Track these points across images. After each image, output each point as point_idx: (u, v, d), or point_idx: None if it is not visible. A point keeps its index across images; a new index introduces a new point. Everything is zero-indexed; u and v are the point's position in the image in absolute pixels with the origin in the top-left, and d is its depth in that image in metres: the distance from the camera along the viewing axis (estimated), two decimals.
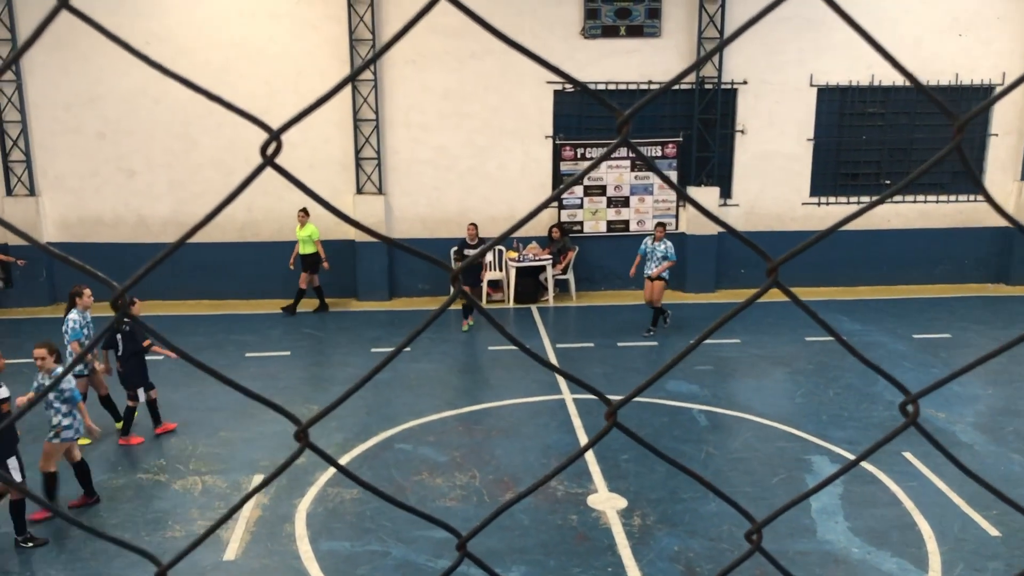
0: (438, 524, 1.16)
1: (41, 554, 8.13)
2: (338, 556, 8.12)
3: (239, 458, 10.00)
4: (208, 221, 0.93)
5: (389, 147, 16.42)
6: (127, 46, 0.90)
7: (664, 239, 14.40)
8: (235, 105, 0.95)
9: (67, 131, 15.72)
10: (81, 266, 0.97)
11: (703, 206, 1.10)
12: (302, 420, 1.08)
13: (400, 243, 1.04)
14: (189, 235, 0.93)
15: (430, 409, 11.42)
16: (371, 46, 15.76)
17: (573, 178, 1.07)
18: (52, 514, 8.43)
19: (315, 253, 15.60)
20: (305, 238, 15.47)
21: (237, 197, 1.00)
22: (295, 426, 1.02)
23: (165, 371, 12.70)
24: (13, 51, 15.41)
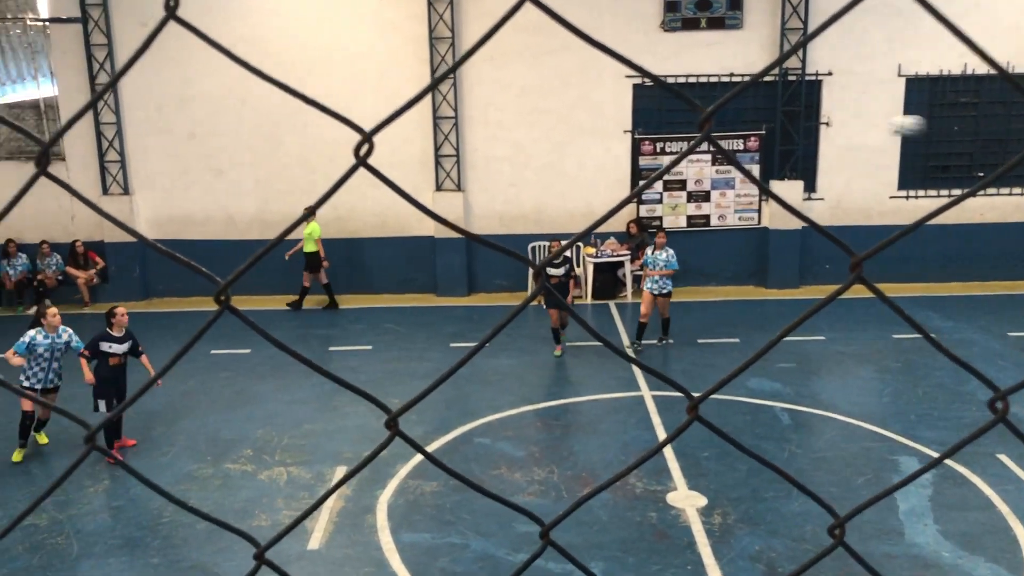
0: (522, 512, 1.18)
1: (136, 539, 8.45)
2: (418, 548, 8.24)
3: (323, 450, 10.22)
4: (304, 219, 0.97)
5: (468, 144, 16.54)
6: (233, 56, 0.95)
7: (666, 247, 13.39)
8: (329, 108, 0.99)
9: (159, 132, 16.26)
10: (186, 261, 1.02)
11: (786, 201, 1.09)
12: (383, 414, 1.11)
13: (488, 241, 1.06)
14: (287, 232, 0.97)
15: (508, 404, 11.48)
16: (450, 44, 15.90)
17: (655, 175, 1.08)
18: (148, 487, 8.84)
19: (316, 252, 15.76)
20: (306, 236, 15.62)
21: (331, 196, 1.03)
22: (384, 415, 1.05)
23: (253, 363, 13.07)
24: (110, 56, 16.03)
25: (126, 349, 10.06)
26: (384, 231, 16.72)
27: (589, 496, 1.15)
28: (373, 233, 16.63)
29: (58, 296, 16.47)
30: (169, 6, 0.90)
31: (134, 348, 10.13)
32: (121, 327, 10.00)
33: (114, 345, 9.94)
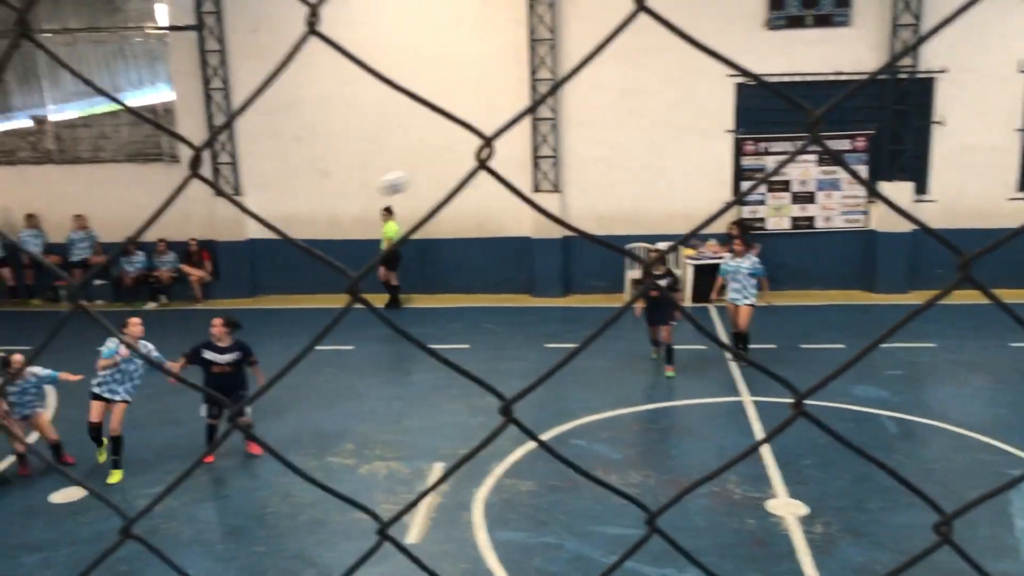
0: (629, 499, 1.19)
1: (242, 528, 8.76)
2: (513, 546, 8.29)
3: (421, 446, 10.39)
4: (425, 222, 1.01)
5: (566, 145, 16.56)
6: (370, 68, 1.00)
7: (748, 254, 12.63)
8: (452, 114, 1.03)
9: (268, 135, 16.81)
10: (323, 257, 1.07)
11: (894, 202, 1.07)
12: (480, 413, 1.14)
13: (599, 239, 1.08)
14: (411, 232, 1.00)
15: (605, 406, 11.43)
16: (550, 46, 15.94)
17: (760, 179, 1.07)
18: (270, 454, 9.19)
19: (394, 251, 16.00)
20: (384, 236, 16.06)
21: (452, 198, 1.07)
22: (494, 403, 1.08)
23: (355, 360, 13.38)
24: (223, 62, 16.67)
25: (230, 359, 9.90)
26: (481, 232, 16.89)
27: (695, 485, 1.15)
28: (470, 234, 16.81)
29: (172, 292, 17.23)
30: (310, 22, 0.96)
31: (244, 358, 9.98)
32: (221, 338, 9.86)
33: (216, 355, 9.88)
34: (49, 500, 9.43)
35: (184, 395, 11.96)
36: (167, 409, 11.72)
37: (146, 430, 10.98)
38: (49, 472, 10.02)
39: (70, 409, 11.41)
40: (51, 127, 17.69)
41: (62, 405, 11.90)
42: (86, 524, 8.95)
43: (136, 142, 17.61)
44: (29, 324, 16.21)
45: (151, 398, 11.58)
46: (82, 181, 17.61)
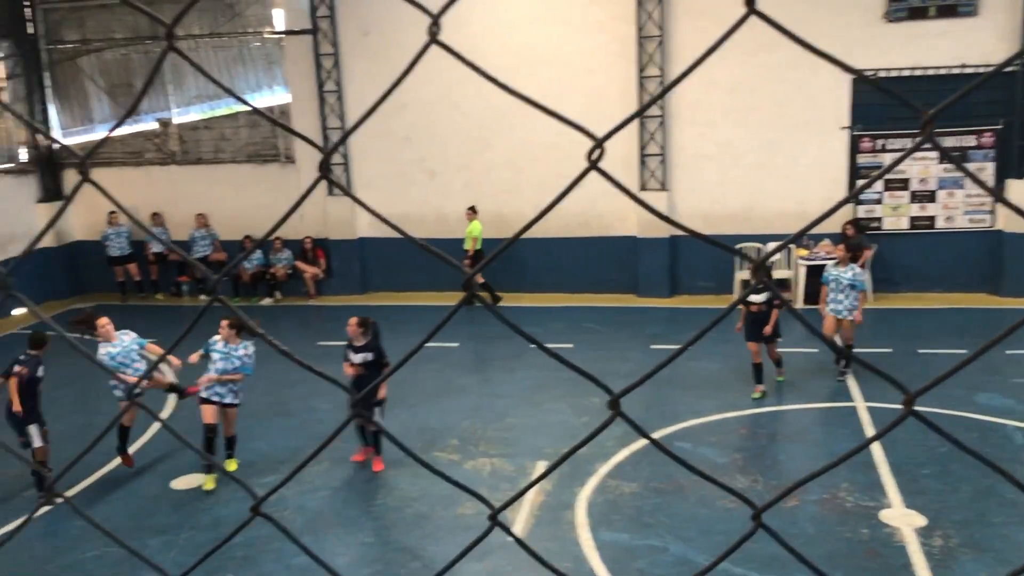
0: (734, 493, 1.17)
1: (351, 519, 8.99)
2: (617, 547, 8.24)
3: (525, 444, 10.44)
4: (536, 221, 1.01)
5: (674, 143, 16.34)
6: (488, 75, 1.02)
7: (851, 264, 11.72)
8: (562, 115, 1.03)
9: (378, 136, 17.16)
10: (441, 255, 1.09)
11: (1015, 204, 1.02)
12: (584, 413, 1.13)
13: (710, 238, 1.06)
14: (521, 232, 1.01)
15: (711, 409, 11.24)
16: (659, 43, 15.76)
17: (873, 177, 1.03)
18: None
19: (478, 251, 16.26)
20: (467, 236, 16.23)
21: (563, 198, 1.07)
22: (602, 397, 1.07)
23: (459, 356, 13.55)
24: (336, 65, 17.11)
25: (363, 359, 9.52)
26: (586, 231, 16.83)
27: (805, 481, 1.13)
28: (574, 233, 16.77)
29: (287, 288, 17.80)
30: (432, 32, 0.99)
31: (377, 360, 9.55)
32: (356, 338, 9.59)
33: (351, 353, 9.63)
34: (171, 486, 9.89)
35: (297, 387, 12.36)
36: (280, 401, 12.13)
37: (260, 420, 11.39)
38: (169, 458, 10.51)
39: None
40: (175, 129, 18.52)
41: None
42: (205, 510, 9.35)
43: (254, 143, 18.26)
44: (153, 318, 17.01)
45: (268, 391, 12.00)
46: (203, 181, 18.39)
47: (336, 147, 1.10)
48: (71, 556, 8.53)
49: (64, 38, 18.49)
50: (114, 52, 18.44)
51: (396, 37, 16.57)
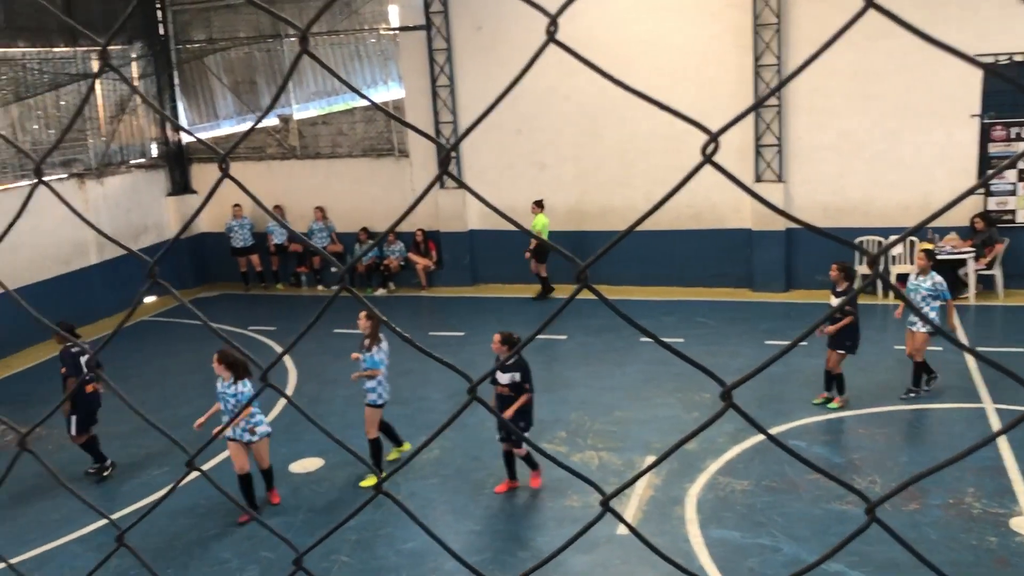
0: (848, 488, 1.14)
1: (460, 506, 9.12)
2: (727, 545, 8.11)
3: (633, 438, 10.37)
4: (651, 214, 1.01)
5: (791, 133, 15.89)
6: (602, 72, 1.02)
7: (932, 272, 10.74)
8: (676, 110, 1.02)
9: (489, 128, 17.29)
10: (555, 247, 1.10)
11: None
12: (695, 408, 1.12)
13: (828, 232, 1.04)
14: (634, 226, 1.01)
15: (826, 407, 10.91)
16: (776, 31, 15.34)
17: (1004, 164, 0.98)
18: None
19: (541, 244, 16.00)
20: (534, 229, 16.00)
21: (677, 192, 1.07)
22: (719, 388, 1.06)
23: (567, 349, 13.55)
24: (449, 60, 17.34)
25: (510, 379, 8.94)
26: (698, 223, 16.55)
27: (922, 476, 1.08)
28: (686, 225, 16.52)
29: (400, 280, 18.17)
30: (549, 31, 1.00)
31: (522, 381, 8.98)
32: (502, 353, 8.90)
33: (499, 373, 8.92)
34: (289, 469, 10.25)
35: (409, 377, 12.60)
36: (393, 389, 12.40)
37: None
38: (289, 442, 10.88)
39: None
40: (295, 125, 19.14)
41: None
42: (320, 493, 9.66)
43: (370, 138, 18.69)
44: (273, 307, 17.66)
45: (424, 375, 12.28)
46: (321, 175, 18.94)
47: (458, 143, 1.12)
48: (196, 534, 8.96)
49: (192, 38, 19.34)
50: (238, 50, 19.17)
51: (508, 32, 16.66)
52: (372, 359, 9.58)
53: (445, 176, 1.12)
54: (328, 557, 8.11)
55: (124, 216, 17.88)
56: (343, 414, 11.41)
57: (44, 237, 15.78)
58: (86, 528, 9.16)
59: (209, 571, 8.25)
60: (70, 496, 9.68)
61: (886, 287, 0.80)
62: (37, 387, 13.58)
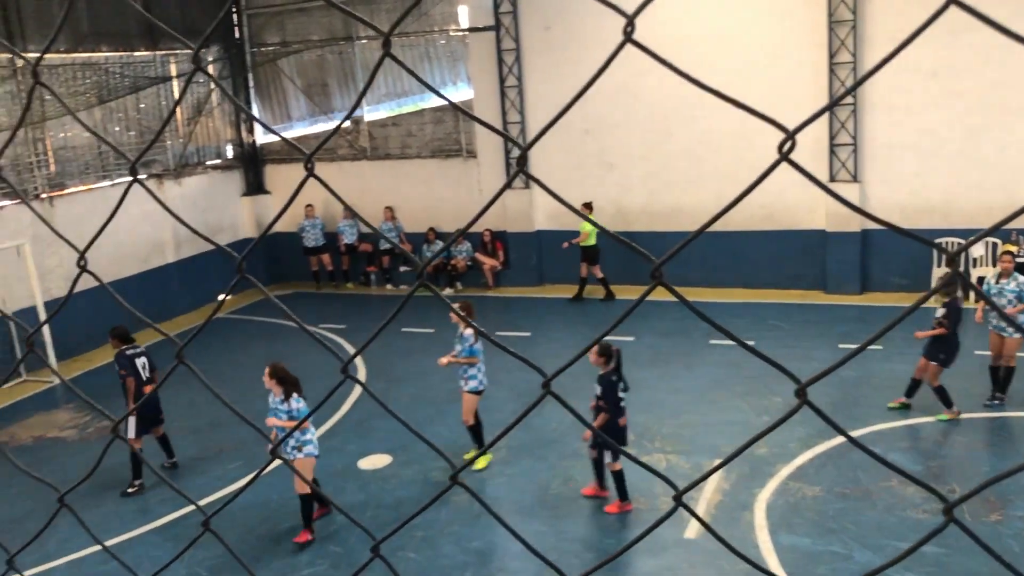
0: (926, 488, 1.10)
1: (526, 507, 9.12)
2: (797, 551, 7.95)
3: (701, 442, 10.24)
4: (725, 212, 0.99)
5: (867, 131, 15.50)
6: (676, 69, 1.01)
7: (1015, 274, 10.36)
8: (752, 108, 1.00)
9: (558, 129, 17.24)
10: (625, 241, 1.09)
11: None
12: (765, 412, 1.09)
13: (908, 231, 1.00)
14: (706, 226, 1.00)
15: (903, 413, 10.61)
16: (851, 27, 14.99)
17: None
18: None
19: (595, 245, 16.29)
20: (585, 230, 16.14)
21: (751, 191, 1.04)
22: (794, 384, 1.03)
23: (635, 351, 13.44)
24: (518, 60, 17.37)
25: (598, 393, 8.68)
26: (770, 224, 16.27)
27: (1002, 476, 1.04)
28: (758, 226, 16.25)
29: (467, 279, 18.27)
30: (626, 32, 0.99)
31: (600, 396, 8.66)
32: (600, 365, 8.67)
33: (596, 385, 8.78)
34: (358, 466, 10.39)
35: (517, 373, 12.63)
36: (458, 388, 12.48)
37: (439, 407, 11.75)
38: (357, 439, 11.03)
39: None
40: (365, 126, 19.40)
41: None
42: (388, 490, 9.76)
43: (438, 139, 18.84)
44: (344, 306, 17.92)
45: (447, 378, 12.35)
46: (390, 175, 19.16)
47: (533, 143, 1.12)
48: (267, 528, 9.14)
49: (266, 41, 19.75)
50: (310, 53, 19.51)
51: (577, 31, 16.62)
52: (472, 348, 9.78)
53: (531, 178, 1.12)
54: (395, 553, 8.19)
55: (201, 216, 18.34)
56: (410, 412, 11.52)
57: (124, 236, 16.29)
58: (163, 519, 9.43)
59: (280, 564, 8.41)
60: (147, 487, 9.96)
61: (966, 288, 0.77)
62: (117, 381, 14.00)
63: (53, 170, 15.86)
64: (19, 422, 12.71)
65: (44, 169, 15.71)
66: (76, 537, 9.09)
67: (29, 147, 15.45)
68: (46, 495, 10.16)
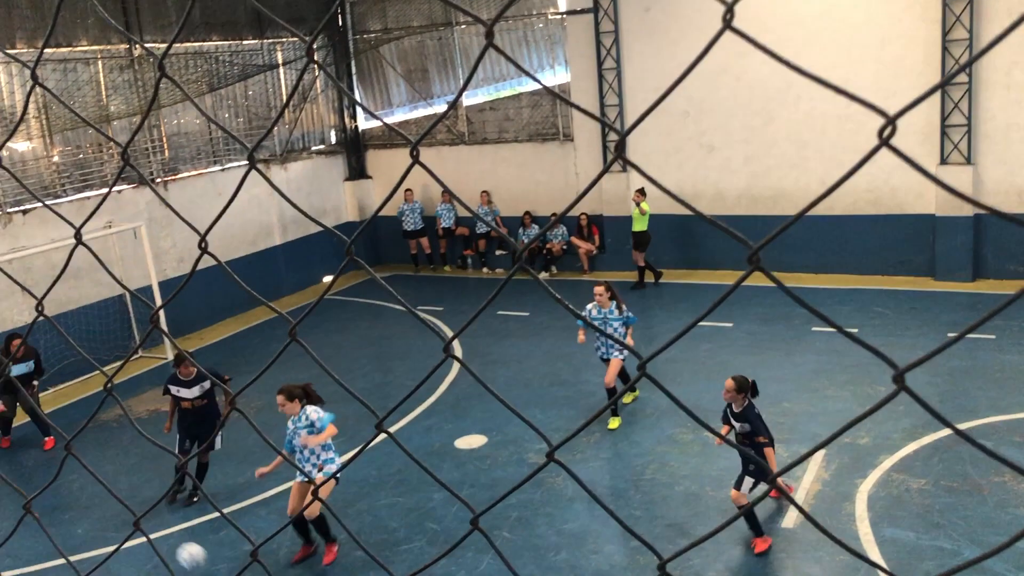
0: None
1: (620, 491, 9.12)
2: (901, 545, 7.73)
3: (801, 430, 10.04)
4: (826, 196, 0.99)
5: (982, 112, 14.80)
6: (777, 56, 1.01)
7: None
8: (853, 93, 1.00)
9: (656, 111, 16.66)
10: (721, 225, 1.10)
11: None
12: (868, 401, 1.09)
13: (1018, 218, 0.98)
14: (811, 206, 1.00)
15: (1017, 406, 10.16)
16: (967, 2, 14.31)
17: None
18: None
19: (645, 231, 16.17)
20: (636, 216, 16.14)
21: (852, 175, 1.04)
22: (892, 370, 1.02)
23: (733, 337, 13.23)
24: (616, 42, 17.22)
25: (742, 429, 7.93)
26: (877, 208, 15.73)
27: None
28: (864, 210, 15.74)
29: (562, 264, 18.28)
30: (726, 19, 1.00)
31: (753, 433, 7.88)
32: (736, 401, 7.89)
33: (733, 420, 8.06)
34: (455, 445, 10.57)
35: (571, 360, 12.69)
36: (555, 372, 12.55)
37: (535, 390, 11.85)
38: (455, 419, 11.21)
39: None
40: (463, 111, 19.57)
41: None
42: (484, 470, 9.90)
43: (535, 123, 18.85)
44: (441, 288, 18.18)
45: (543, 362, 12.45)
46: (488, 160, 19.28)
47: (633, 128, 1.13)
48: (367, 503, 9.40)
49: (368, 28, 20.10)
50: (411, 39, 19.78)
51: (677, 12, 16.36)
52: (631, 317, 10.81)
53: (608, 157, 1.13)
54: (490, 532, 8.27)
55: (305, 200, 18.86)
56: (505, 394, 11.63)
57: (233, 219, 16.91)
58: (270, 491, 9.79)
59: (378, 538, 8.64)
60: (255, 461, 10.36)
61: None
62: (230, 358, 14.58)
63: (167, 156, 16.54)
64: (135, 396, 13.36)
65: (159, 155, 16.41)
66: (189, 506, 9.55)
67: (145, 134, 16.15)
68: (161, 467, 10.69)
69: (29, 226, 13.94)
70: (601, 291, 10.76)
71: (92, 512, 9.80)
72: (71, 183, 14.99)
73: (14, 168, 14.12)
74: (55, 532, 9.20)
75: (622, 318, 10.75)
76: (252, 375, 10.44)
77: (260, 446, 10.63)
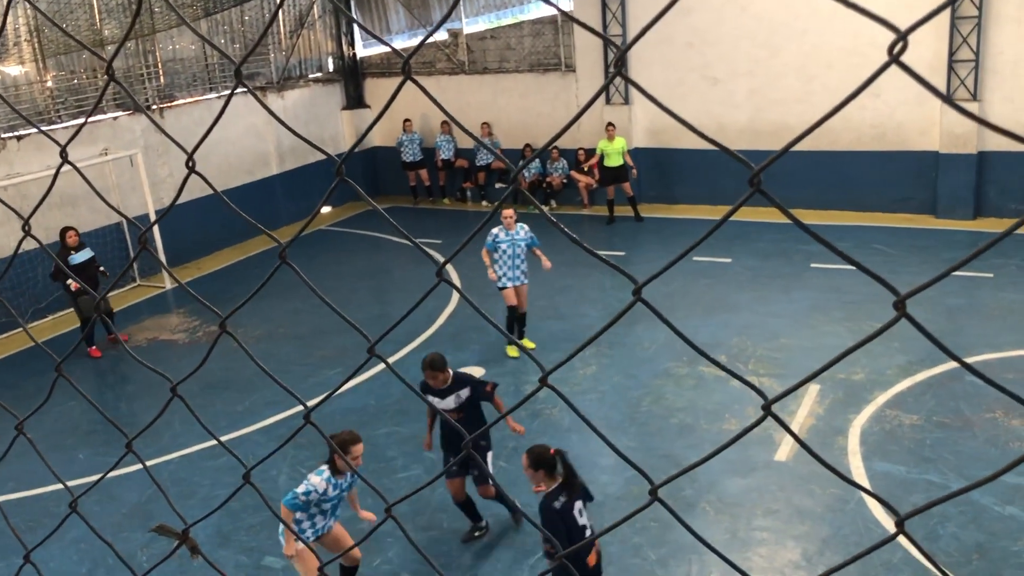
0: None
1: (615, 422, 9.21)
2: (891, 479, 7.85)
3: (797, 366, 10.11)
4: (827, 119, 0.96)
5: (991, 47, 14.56)
6: None
7: None
8: (863, 7, 0.96)
9: (659, 42, 16.78)
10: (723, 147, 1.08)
11: None
12: (864, 335, 1.07)
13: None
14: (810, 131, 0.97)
15: (1011, 344, 10.22)
16: None
17: None
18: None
19: (621, 166, 16.27)
20: (616, 151, 16.25)
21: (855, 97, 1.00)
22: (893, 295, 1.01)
23: (732, 272, 13.23)
24: None
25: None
26: (880, 144, 15.59)
27: None
28: (868, 146, 15.60)
29: (562, 198, 18.18)
30: None
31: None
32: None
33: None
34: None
35: (568, 293, 12.71)
36: (553, 305, 12.57)
37: (532, 324, 11.89)
38: (454, 350, 11.27)
39: None
40: (464, 39, 19.23)
41: None
42: None
43: (537, 53, 18.55)
44: (440, 221, 18.11)
45: (541, 295, 12.46)
46: (488, 90, 19.02)
47: (632, 44, 1.09)
48: (365, 432, 9.48)
49: None
50: None
51: None
52: (534, 238, 10.92)
53: (611, 90, 1.08)
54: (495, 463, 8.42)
55: (303, 128, 18.65)
56: (502, 323, 11.67)
57: (230, 147, 16.75)
58: (269, 419, 9.90)
59: (377, 467, 8.76)
60: (254, 389, 10.44)
61: None
62: (231, 286, 14.59)
63: (163, 82, 16.30)
64: (134, 324, 13.41)
65: (154, 81, 16.17)
66: (187, 433, 9.65)
67: (140, 59, 15.90)
68: (160, 393, 10.78)
69: (24, 151, 13.81)
70: (511, 214, 10.91)
71: (95, 438, 9.91)
72: (65, 109, 14.80)
73: (7, 93, 13.93)
74: (57, 457, 9.32)
75: (527, 239, 10.87)
76: (251, 305, 10.47)
77: (258, 375, 10.71)
